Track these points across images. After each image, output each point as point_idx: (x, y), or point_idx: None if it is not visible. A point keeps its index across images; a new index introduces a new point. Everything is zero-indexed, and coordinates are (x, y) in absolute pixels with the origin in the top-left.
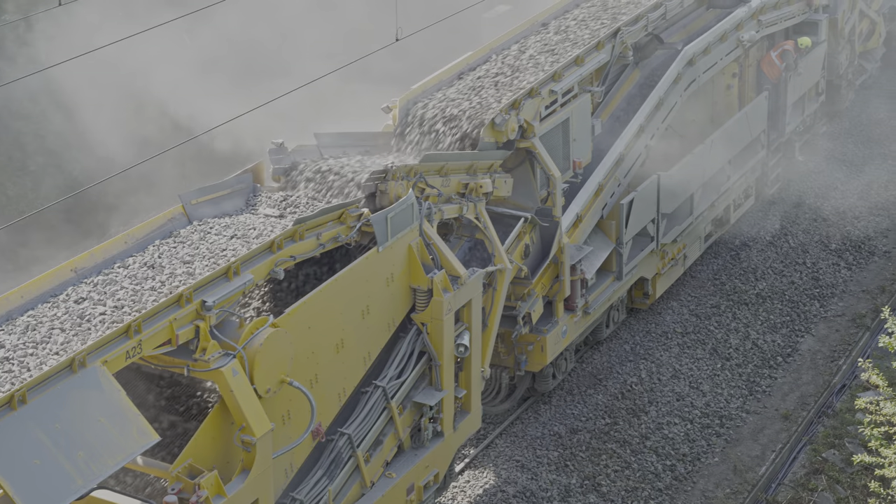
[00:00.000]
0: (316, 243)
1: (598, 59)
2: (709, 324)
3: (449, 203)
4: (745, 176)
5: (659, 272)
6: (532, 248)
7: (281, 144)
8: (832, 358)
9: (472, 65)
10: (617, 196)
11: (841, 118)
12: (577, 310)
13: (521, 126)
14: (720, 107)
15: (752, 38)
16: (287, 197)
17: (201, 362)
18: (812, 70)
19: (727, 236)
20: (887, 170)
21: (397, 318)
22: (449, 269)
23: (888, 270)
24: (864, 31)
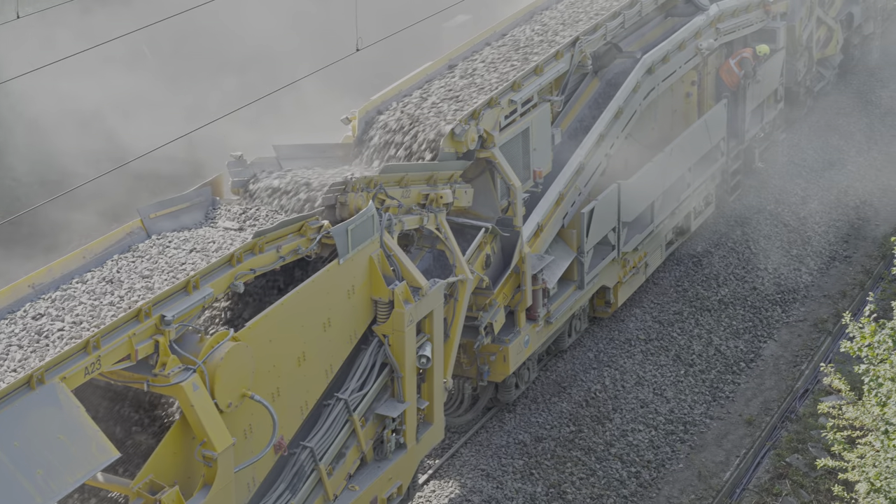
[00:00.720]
0: (276, 256)
1: (558, 68)
2: (672, 330)
3: (409, 214)
4: (705, 183)
5: (620, 281)
6: (493, 258)
7: (240, 157)
8: (795, 363)
9: (432, 75)
10: (577, 205)
11: (800, 125)
12: (539, 319)
13: (480, 136)
14: (679, 115)
15: (710, 46)
16: (246, 210)
17: (161, 377)
18: (770, 77)
19: (689, 243)
20: (847, 175)
21: (359, 330)
22: (410, 281)
23: (849, 275)
24: (821, 38)
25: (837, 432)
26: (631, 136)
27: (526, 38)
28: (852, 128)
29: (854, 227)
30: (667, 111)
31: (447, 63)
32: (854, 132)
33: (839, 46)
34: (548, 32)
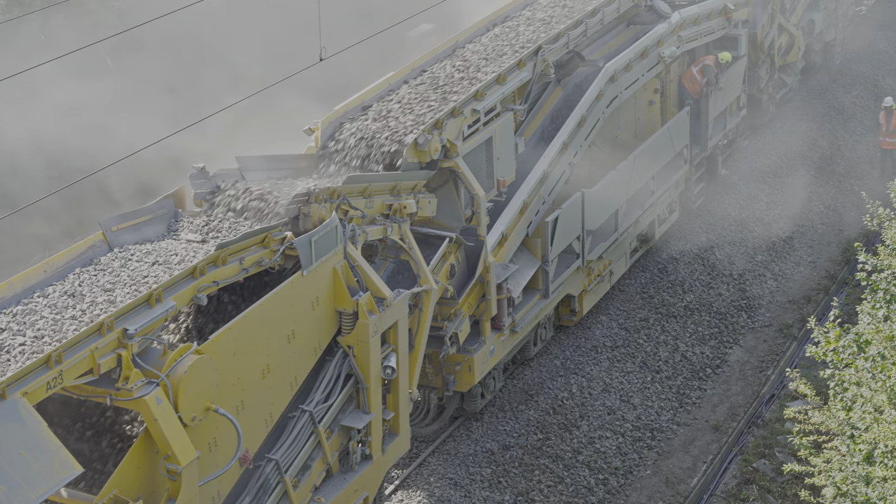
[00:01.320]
0: (239, 268)
1: (520, 77)
2: (638, 337)
3: (373, 224)
4: (668, 191)
5: (585, 289)
6: (458, 267)
7: (202, 168)
8: (760, 368)
9: (395, 85)
10: (542, 214)
11: (763, 131)
12: (505, 328)
13: (444, 146)
14: (643, 123)
15: (672, 53)
16: (209, 222)
17: (124, 391)
18: (733, 85)
19: (654, 249)
20: (810, 181)
21: (323, 341)
22: (374, 291)
23: (813, 280)
24: (783, 46)
25: (804, 437)
26: (594, 145)
27: (446, 76)
28: (815, 133)
29: (818, 233)
30: (630, 119)
31: (407, 74)
32: (817, 138)
33: (801, 53)
34: (469, 69)
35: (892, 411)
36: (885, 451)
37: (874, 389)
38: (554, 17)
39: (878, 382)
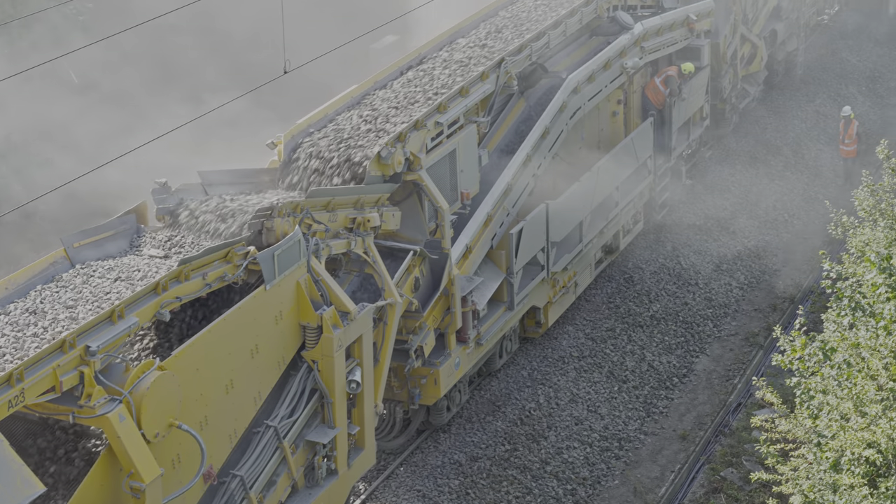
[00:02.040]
0: (202, 283)
1: (483, 89)
2: (605, 347)
3: (337, 238)
4: (633, 202)
5: (550, 301)
6: (422, 280)
7: (164, 184)
8: (727, 377)
9: (358, 97)
10: (506, 226)
11: (727, 141)
12: (470, 341)
13: (407, 158)
14: (606, 134)
15: (635, 64)
16: (172, 237)
17: (87, 409)
18: (696, 95)
19: (620, 259)
20: (774, 189)
21: (287, 356)
22: (338, 305)
23: (779, 289)
24: (746, 55)
25: (770, 445)
26: (558, 156)
27: (352, 127)
28: (779, 142)
29: (783, 241)
30: (593, 130)
31: (369, 87)
32: (781, 146)
33: (764, 63)
34: (377, 119)
35: (859, 419)
36: (852, 458)
37: (840, 397)
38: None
39: (843, 390)
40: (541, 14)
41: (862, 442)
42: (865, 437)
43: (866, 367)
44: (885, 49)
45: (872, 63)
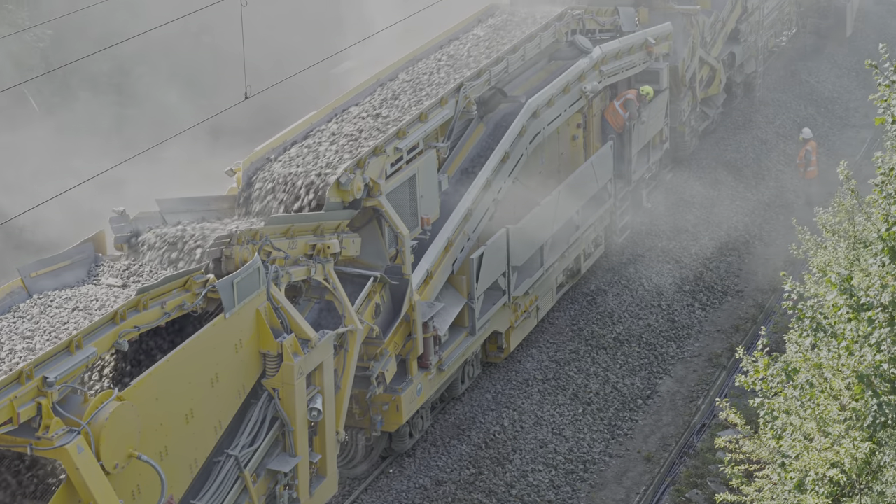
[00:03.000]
0: (161, 312)
1: (443, 114)
2: (568, 369)
3: (296, 265)
4: (593, 225)
5: (512, 325)
6: (383, 306)
7: (122, 212)
8: (691, 398)
9: (317, 124)
10: (467, 251)
11: (688, 163)
12: (432, 367)
13: (366, 185)
14: (566, 158)
15: (594, 88)
16: (130, 266)
17: (45, 440)
18: (655, 118)
19: (583, 281)
20: (735, 210)
21: (248, 384)
22: (298, 333)
23: (741, 310)
24: (704, 78)
25: (735, 466)
26: (518, 181)
27: (311, 153)
28: (740, 164)
29: (745, 262)
30: (553, 154)
31: (328, 114)
32: (742, 168)
33: (722, 85)
34: (337, 145)
35: (822, 439)
36: (816, 478)
37: (803, 417)
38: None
39: (807, 410)
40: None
41: (826, 462)
42: (829, 456)
43: (829, 388)
44: (843, 70)
45: (831, 84)
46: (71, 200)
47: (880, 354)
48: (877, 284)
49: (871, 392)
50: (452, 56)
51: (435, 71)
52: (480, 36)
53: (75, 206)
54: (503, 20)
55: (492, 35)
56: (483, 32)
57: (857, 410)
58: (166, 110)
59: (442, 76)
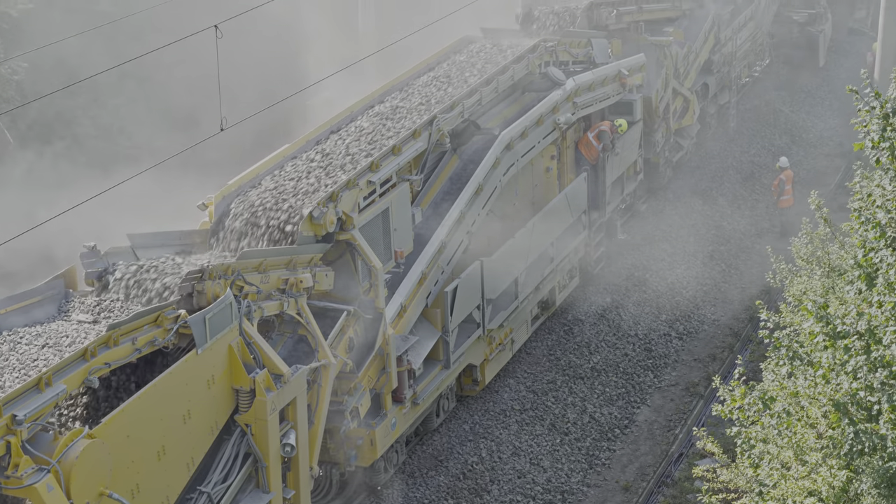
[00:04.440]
0: (132, 348)
1: (416, 147)
2: (546, 399)
3: (269, 300)
4: (568, 257)
5: (487, 358)
6: (356, 340)
7: (93, 247)
8: (668, 427)
9: (290, 156)
10: (441, 284)
11: (664, 192)
12: (406, 401)
13: (339, 218)
14: (540, 190)
15: (568, 120)
16: (101, 302)
17: (14, 479)
18: (629, 149)
19: (560, 311)
20: (711, 239)
21: (220, 420)
22: (271, 368)
23: (717, 339)
24: (678, 109)
25: (713, 495)
26: (492, 213)
27: (284, 187)
28: (715, 193)
29: (721, 291)
30: (527, 186)
31: (300, 147)
32: (717, 197)
33: (696, 116)
34: (310, 178)
35: (799, 467)
36: None
37: (780, 446)
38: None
39: (784, 439)
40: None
41: (803, 490)
42: (806, 485)
43: (805, 416)
44: (816, 100)
45: (805, 113)
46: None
47: (857, 382)
48: (853, 312)
49: (847, 420)
50: (425, 88)
51: (408, 103)
52: (454, 67)
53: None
54: (477, 52)
55: (465, 67)
56: (457, 64)
57: (834, 438)
58: (141, 142)
59: (415, 108)
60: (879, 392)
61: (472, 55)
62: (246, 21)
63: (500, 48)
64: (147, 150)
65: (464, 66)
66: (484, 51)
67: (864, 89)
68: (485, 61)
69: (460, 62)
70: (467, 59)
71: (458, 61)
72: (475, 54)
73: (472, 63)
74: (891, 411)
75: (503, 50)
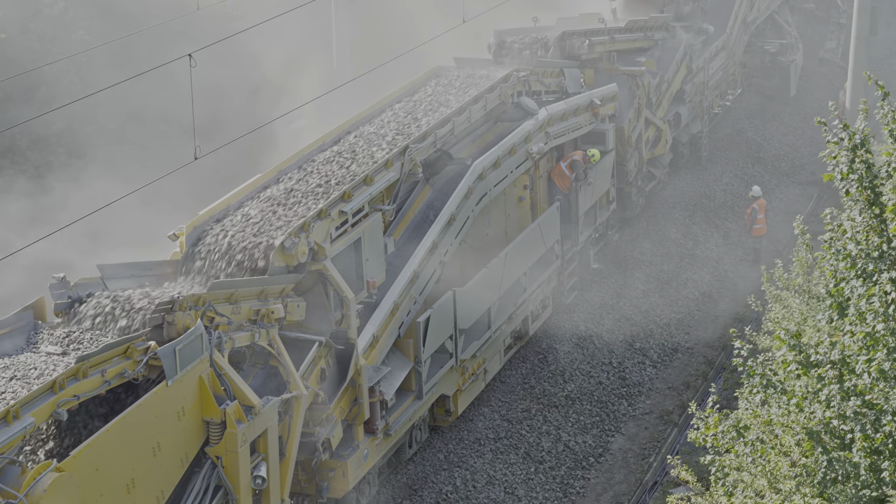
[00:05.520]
0: (101, 380)
1: (388, 177)
2: (520, 428)
3: (240, 331)
4: (541, 287)
5: (460, 388)
6: (328, 371)
7: (63, 278)
8: (643, 456)
9: (261, 187)
10: (413, 314)
11: (637, 220)
12: (378, 432)
13: (311, 249)
14: (513, 219)
15: (540, 150)
16: (70, 333)
17: None
18: (602, 179)
19: (534, 339)
20: (685, 268)
21: (191, 452)
22: (242, 400)
23: (692, 366)
24: (650, 139)
25: None
26: (465, 243)
27: (255, 217)
28: (688, 221)
29: (695, 319)
30: (500, 216)
31: (271, 178)
32: (690, 225)
33: (668, 146)
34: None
35: (773, 495)
36: None
37: (754, 474)
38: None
39: (757, 467)
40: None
41: None
42: None
43: (779, 444)
44: (788, 128)
45: (777, 142)
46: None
47: (830, 411)
48: (826, 341)
49: (821, 448)
50: (399, 117)
51: (381, 133)
52: (427, 97)
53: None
54: (449, 82)
55: (438, 97)
56: (430, 94)
57: (808, 467)
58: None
59: (388, 138)
60: (852, 421)
61: (444, 85)
62: (220, 49)
63: (472, 78)
64: (120, 179)
65: (437, 96)
66: (457, 80)
67: (833, 121)
68: (458, 91)
69: (433, 92)
70: (440, 88)
71: (431, 91)
72: (448, 84)
73: (445, 93)
74: (864, 440)
75: (476, 80)
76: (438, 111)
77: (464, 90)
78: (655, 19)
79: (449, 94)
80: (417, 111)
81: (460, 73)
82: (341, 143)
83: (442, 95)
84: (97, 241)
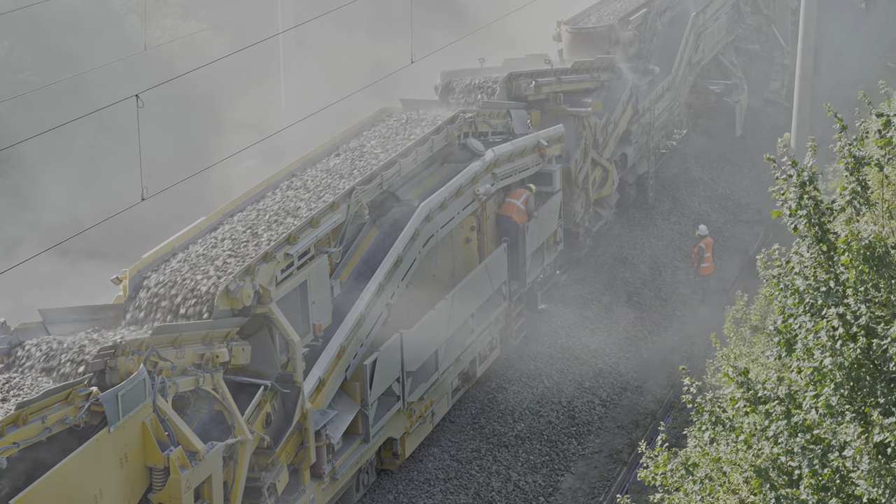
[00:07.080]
0: (41, 427)
1: (334, 219)
2: (470, 468)
3: (184, 375)
4: (489, 328)
5: (407, 431)
6: (274, 415)
7: (3, 323)
8: (592, 495)
9: (206, 229)
10: (360, 357)
11: (587, 260)
12: (325, 476)
13: (256, 292)
14: (460, 260)
15: (487, 191)
16: (10, 379)
17: None
18: (549, 219)
19: (483, 379)
20: (633, 306)
21: (134, 499)
22: (186, 445)
23: (641, 405)
24: (597, 179)
25: None
26: (412, 284)
27: (200, 260)
28: (636, 261)
29: (643, 357)
30: (447, 257)
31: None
32: (638, 265)
33: (615, 186)
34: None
35: None
36: None
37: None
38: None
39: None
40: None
41: None
42: None
43: (728, 482)
44: (734, 167)
45: (724, 181)
46: None
47: (777, 447)
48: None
49: (769, 486)
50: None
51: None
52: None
53: None
54: (396, 122)
55: (384, 138)
56: (376, 135)
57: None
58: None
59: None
60: (800, 456)
61: (390, 126)
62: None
63: (419, 119)
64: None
65: (383, 138)
66: (403, 122)
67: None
68: (404, 132)
69: (379, 133)
70: (386, 130)
71: (377, 132)
72: (395, 125)
73: (392, 134)
74: (811, 476)
75: (422, 121)
76: (385, 152)
77: (410, 131)
78: (601, 60)
79: (396, 135)
80: (364, 152)
81: (407, 114)
82: (286, 186)
83: (388, 137)
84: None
